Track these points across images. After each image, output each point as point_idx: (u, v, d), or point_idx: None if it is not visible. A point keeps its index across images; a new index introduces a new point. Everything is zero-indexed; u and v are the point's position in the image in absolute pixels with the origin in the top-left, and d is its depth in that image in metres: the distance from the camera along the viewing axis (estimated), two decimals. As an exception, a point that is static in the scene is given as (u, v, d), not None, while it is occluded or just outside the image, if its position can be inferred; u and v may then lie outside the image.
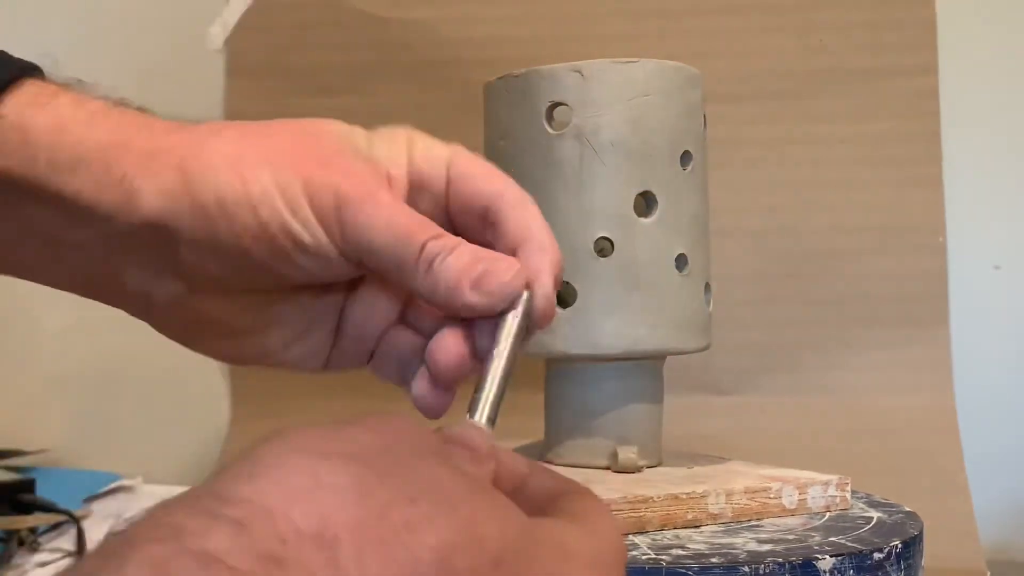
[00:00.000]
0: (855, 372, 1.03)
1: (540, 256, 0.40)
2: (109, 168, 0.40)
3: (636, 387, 0.65)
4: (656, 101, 0.63)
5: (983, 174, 1.07)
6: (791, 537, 0.55)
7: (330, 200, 0.38)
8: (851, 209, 1.04)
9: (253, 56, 1.13)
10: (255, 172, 0.39)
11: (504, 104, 0.66)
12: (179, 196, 0.39)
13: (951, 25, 1.05)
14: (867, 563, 0.52)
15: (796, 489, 0.60)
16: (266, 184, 0.39)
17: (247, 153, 0.40)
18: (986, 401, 1.04)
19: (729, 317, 0.99)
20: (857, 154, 1.05)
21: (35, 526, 0.91)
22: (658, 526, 0.56)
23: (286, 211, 0.39)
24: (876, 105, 1.05)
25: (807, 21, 1.06)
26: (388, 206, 0.39)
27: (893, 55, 1.05)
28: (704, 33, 1.06)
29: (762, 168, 1.05)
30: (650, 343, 0.63)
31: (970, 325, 1.05)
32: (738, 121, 1.05)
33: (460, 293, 0.38)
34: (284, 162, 0.39)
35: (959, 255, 1.05)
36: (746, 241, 1.04)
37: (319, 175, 0.39)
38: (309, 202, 0.39)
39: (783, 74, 1.06)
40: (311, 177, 0.39)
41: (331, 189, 0.39)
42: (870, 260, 1.04)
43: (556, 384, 0.67)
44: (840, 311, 1.04)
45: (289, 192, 0.39)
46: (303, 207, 0.39)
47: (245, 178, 0.39)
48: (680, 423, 0.79)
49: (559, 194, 0.63)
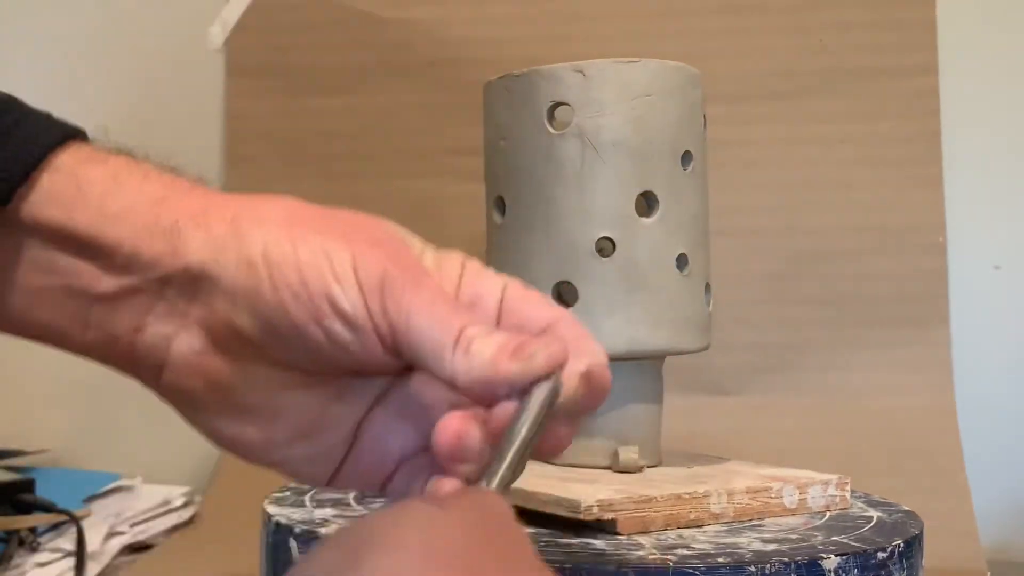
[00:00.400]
0: (855, 372, 1.03)
1: (587, 352, 0.40)
2: (159, 217, 0.40)
3: (636, 387, 0.65)
4: (657, 101, 0.64)
5: (983, 174, 1.07)
6: (794, 537, 0.55)
7: (376, 276, 0.38)
8: (851, 209, 1.04)
9: (253, 56, 1.13)
10: (305, 236, 0.39)
11: (505, 104, 0.66)
12: (227, 246, 0.40)
13: (951, 25, 1.05)
14: (871, 562, 0.52)
15: (797, 489, 0.60)
16: (315, 248, 0.39)
17: (300, 219, 0.40)
18: (986, 401, 1.04)
19: (729, 317, 0.99)
20: (857, 154, 1.05)
21: (35, 526, 0.91)
22: (661, 526, 0.56)
23: (330, 276, 0.39)
24: (876, 105, 1.05)
25: (807, 21, 1.06)
26: (431, 289, 0.39)
27: (893, 55, 1.05)
28: (704, 33, 1.07)
29: (762, 168, 1.05)
30: (650, 343, 0.63)
31: (970, 325, 1.05)
32: (738, 121, 1.05)
33: (496, 364, 0.37)
34: (336, 234, 0.40)
35: (959, 255, 1.05)
36: (746, 241, 1.04)
37: (369, 252, 0.39)
38: (355, 273, 0.39)
39: (783, 74, 1.06)
40: (361, 252, 0.39)
41: (379, 266, 0.39)
42: (870, 260, 1.04)
43: (557, 384, 0.67)
44: (840, 311, 1.04)
45: (337, 260, 0.39)
46: (348, 276, 0.38)
47: (295, 239, 0.39)
48: (680, 423, 0.79)
49: (560, 194, 0.63)
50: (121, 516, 0.99)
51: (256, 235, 0.39)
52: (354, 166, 1.10)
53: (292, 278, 0.39)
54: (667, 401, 0.68)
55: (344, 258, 0.39)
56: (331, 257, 0.39)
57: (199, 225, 0.40)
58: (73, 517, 0.92)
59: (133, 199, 0.40)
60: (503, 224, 0.66)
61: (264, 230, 0.40)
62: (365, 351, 0.39)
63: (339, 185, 1.09)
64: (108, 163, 0.41)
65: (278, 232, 0.39)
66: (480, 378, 0.37)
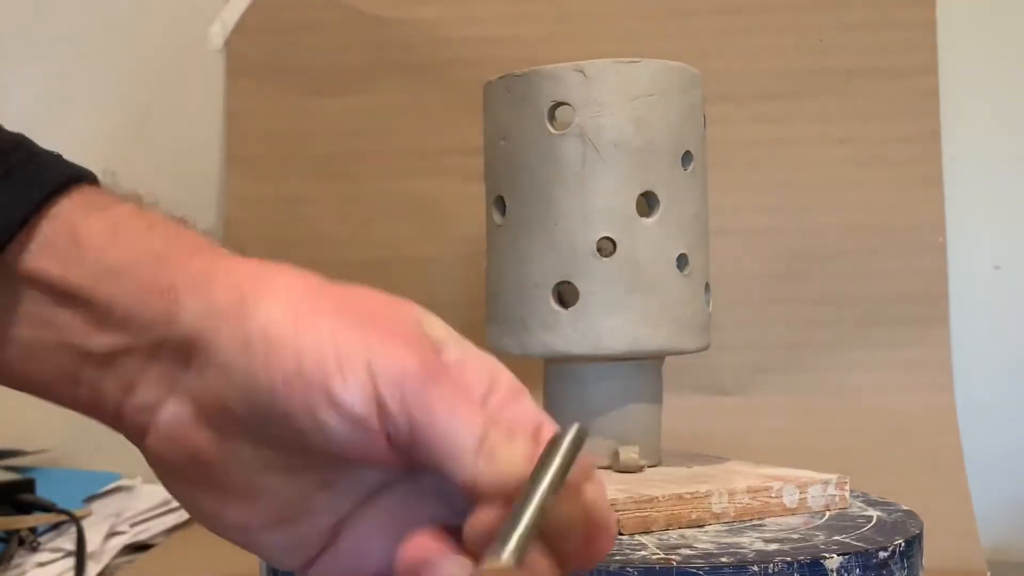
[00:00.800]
0: (855, 372, 1.03)
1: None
2: (157, 277, 0.38)
3: (636, 387, 0.65)
4: (658, 101, 0.64)
5: (983, 174, 1.07)
6: (796, 536, 0.55)
7: (396, 372, 0.36)
8: (851, 209, 1.05)
9: (253, 56, 1.13)
10: (314, 319, 0.37)
11: (505, 104, 0.66)
12: (226, 318, 0.37)
13: (951, 25, 1.05)
14: (872, 562, 0.52)
15: (797, 488, 0.60)
16: (322, 334, 0.36)
17: (312, 298, 0.38)
18: (986, 401, 1.04)
19: (729, 317, 0.99)
20: (857, 154, 1.05)
21: (35, 526, 0.91)
22: (663, 526, 0.56)
23: (333, 367, 0.36)
24: (876, 105, 1.05)
25: (807, 21, 1.06)
26: (453, 388, 0.36)
27: (893, 55, 1.05)
28: (704, 33, 1.06)
29: (762, 168, 1.05)
30: (650, 343, 0.63)
31: (970, 325, 1.05)
32: (738, 121, 1.05)
33: (524, 470, 0.35)
34: (351, 321, 0.37)
35: (959, 255, 1.05)
36: (746, 241, 1.04)
37: (387, 345, 0.36)
38: (368, 367, 0.36)
39: (783, 74, 1.06)
40: (378, 344, 0.36)
41: (399, 361, 0.36)
42: (870, 260, 1.04)
43: (556, 384, 0.67)
44: (840, 311, 1.04)
45: (345, 351, 0.36)
46: (356, 370, 0.36)
47: (300, 321, 0.37)
48: (680, 423, 0.79)
49: (561, 194, 0.63)
50: (121, 516, 0.99)
51: (259, 310, 0.37)
52: (354, 166, 1.10)
53: (288, 363, 0.36)
54: (667, 401, 0.68)
55: (355, 351, 0.36)
56: (339, 348, 0.36)
57: (199, 290, 0.38)
58: (73, 517, 0.92)
59: (132, 255, 0.38)
60: (503, 224, 0.66)
61: (268, 305, 0.37)
62: (362, 447, 0.37)
63: (339, 185, 1.09)
64: (110, 212, 0.40)
65: (283, 310, 0.37)
66: (505, 485, 0.35)
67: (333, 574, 0.40)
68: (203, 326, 0.37)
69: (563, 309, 0.63)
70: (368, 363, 0.36)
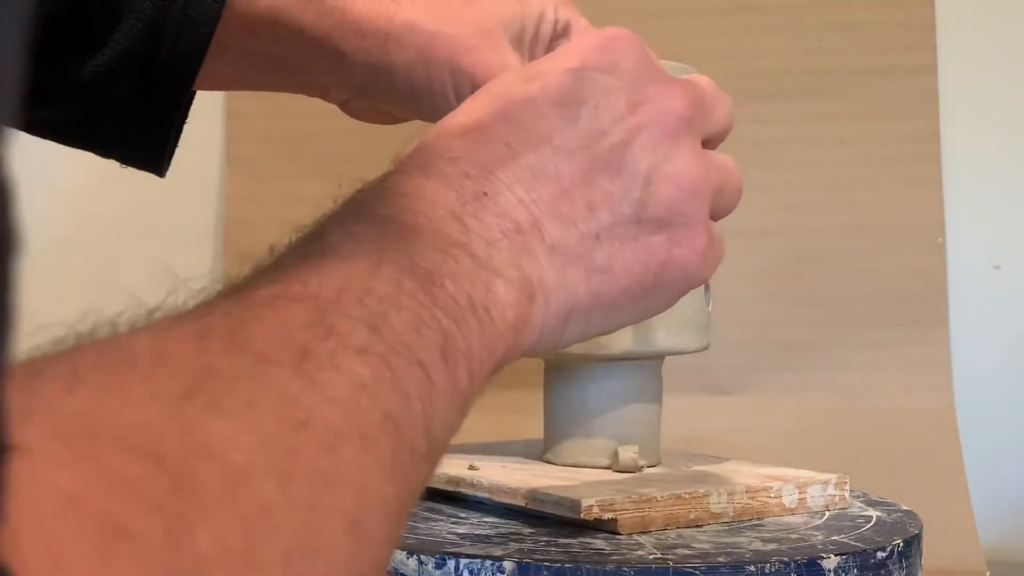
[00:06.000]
0: (855, 372, 1.03)
1: None
2: None
3: (636, 387, 0.65)
4: (657, 101, 0.63)
5: (983, 174, 1.07)
6: (794, 536, 0.55)
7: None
8: (851, 209, 1.05)
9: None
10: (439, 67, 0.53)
11: (505, 104, 0.66)
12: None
13: (951, 25, 1.05)
14: (870, 562, 0.52)
15: (796, 488, 0.60)
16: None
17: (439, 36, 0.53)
18: (986, 401, 1.04)
19: (729, 317, 0.99)
20: (857, 154, 1.05)
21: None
22: (661, 525, 0.56)
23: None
24: (876, 105, 1.05)
25: (807, 21, 1.06)
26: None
27: (893, 55, 1.05)
28: (704, 33, 1.07)
29: (762, 168, 1.05)
30: (650, 343, 0.63)
31: (970, 325, 1.05)
32: (738, 121, 1.04)
33: None
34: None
35: (959, 255, 1.05)
36: (746, 241, 1.04)
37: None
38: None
39: (783, 74, 1.06)
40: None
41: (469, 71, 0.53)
42: (870, 260, 1.04)
43: (556, 384, 0.67)
44: (840, 311, 1.04)
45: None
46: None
47: (430, 68, 0.53)
48: (680, 423, 0.79)
49: (560, 194, 0.63)
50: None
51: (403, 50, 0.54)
52: (354, 166, 1.09)
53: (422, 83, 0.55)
54: (667, 401, 0.68)
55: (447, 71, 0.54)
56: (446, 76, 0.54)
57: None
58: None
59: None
60: (503, 224, 0.66)
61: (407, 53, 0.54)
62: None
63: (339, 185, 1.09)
64: None
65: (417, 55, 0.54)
66: None
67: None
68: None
69: (562, 309, 0.63)
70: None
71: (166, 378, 0.25)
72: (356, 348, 0.29)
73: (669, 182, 0.42)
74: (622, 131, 0.42)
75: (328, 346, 0.29)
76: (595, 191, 0.41)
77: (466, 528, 0.55)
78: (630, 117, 0.42)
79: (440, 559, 0.50)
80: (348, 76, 0.55)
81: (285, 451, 0.25)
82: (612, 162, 0.41)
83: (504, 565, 0.49)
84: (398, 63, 0.53)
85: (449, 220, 0.37)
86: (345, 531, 0.26)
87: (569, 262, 0.40)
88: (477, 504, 0.60)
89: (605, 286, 0.41)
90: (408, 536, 0.53)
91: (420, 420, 0.31)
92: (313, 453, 0.26)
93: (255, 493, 0.24)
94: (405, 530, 0.30)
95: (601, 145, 0.41)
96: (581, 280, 0.40)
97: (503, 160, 0.40)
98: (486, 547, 0.51)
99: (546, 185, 0.40)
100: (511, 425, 0.89)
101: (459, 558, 0.50)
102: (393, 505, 0.29)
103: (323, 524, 0.26)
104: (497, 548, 0.51)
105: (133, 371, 0.24)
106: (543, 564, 0.49)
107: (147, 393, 0.24)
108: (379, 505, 0.28)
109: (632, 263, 0.41)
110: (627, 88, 0.43)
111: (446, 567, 0.50)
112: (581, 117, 0.42)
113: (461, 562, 0.49)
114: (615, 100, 0.42)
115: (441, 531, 0.54)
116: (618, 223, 0.41)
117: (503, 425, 0.91)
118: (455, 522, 0.56)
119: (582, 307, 0.41)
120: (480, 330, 0.35)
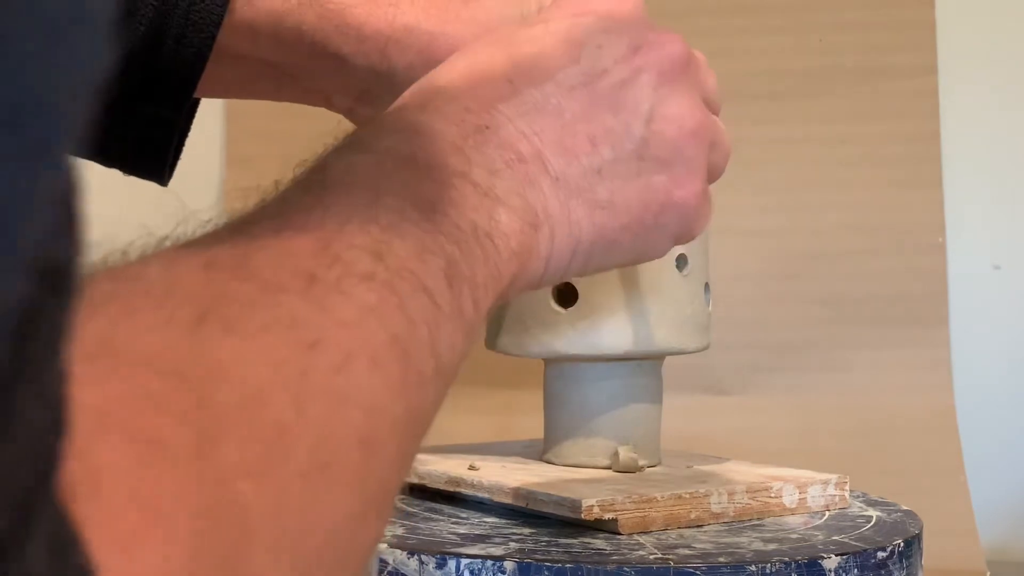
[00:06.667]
0: (855, 372, 1.03)
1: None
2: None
3: (636, 387, 0.65)
4: (658, 101, 0.63)
5: (983, 174, 1.07)
6: (794, 536, 0.55)
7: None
8: (851, 209, 1.04)
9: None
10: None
11: (506, 104, 0.66)
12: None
13: (951, 25, 1.05)
14: (871, 562, 0.52)
15: (796, 488, 0.60)
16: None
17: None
18: (986, 401, 1.04)
19: (729, 317, 0.99)
20: (857, 154, 1.05)
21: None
22: (662, 526, 0.56)
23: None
24: (876, 105, 1.05)
25: (807, 21, 1.06)
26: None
27: (893, 55, 1.05)
28: (704, 33, 1.06)
29: (762, 168, 1.05)
30: (650, 343, 0.63)
31: (970, 325, 1.05)
32: (738, 121, 1.04)
33: None
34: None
35: (959, 255, 1.05)
36: (746, 241, 1.04)
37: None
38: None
39: (783, 74, 1.06)
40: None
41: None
42: (870, 260, 1.04)
43: (556, 384, 0.67)
44: (840, 311, 1.04)
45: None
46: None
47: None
48: (680, 423, 0.79)
49: (561, 194, 0.63)
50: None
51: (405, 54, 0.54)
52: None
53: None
54: (667, 401, 0.68)
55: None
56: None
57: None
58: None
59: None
60: (503, 224, 0.66)
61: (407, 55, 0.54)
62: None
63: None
64: None
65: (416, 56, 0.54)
66: None
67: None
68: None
69: (563, 309, 0.63)
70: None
71: (178, 305, 0.26)
72: (361, 275, 0.30)
73: (670, 122, 0.43)
74: (623, 70, 0.43)
75: (334, 273, 0.30)
76: (597, 126, 0.42)
77: (467, 528, 0.55)
78: (632, 58, 0.43)
79: (441, 559, 0.50)
80: (350, 81, 0.55)
81: (298, 372, 0.26)
82: (614, 99, 0.42)
83: (505, 565, 0.49)
84: (399, 66, 0.53)
85: (450, 151, 0.38)
86: (357, 447, 0.27)
87: (572, 195, 0.41)
88: (477, 504, 0.60)
89: (606, 220, 0.42)
90: (409, 536, 0.53)
91: (427, 343, 0.32)
92: (325, 373, 0.27)
93: (271, 412, 0.25)
94: (416, 453, 0.31)
95: (603, 83, 0.42)
96: (585, 213, 0.41)
97: (504, 95, 0.40)
98: (487, 547, 0.51)
99: (548, 119, 0.41)
100: (511, 425, 0.89)
101: (460, 558, 0.50)
102: (403, 424, 0.30)
103: (336, 440, 0.27)
104: (498, 548, 0.51)
105: (147, 299, 0.25)
106: (544, 564, 0.49)
107: (162, 319, 0.25)
108: (389, 423, 0.29)
109: (633, 200, 0.42)
110: (628, 32, 0.44)
111: (447, 567, 0.50)
112: (583, 56, 0.42)
113: (462, 562, 0.49)
114: (616, 41, 0.43)
115: (442, 531, 0.54)
116: (620, 159, 0.42)
117: (503, 425, 0.91)
118: (456, 522, 0.56)
119: (586, 240, 0.41)
120: (484, 257, 0.36)
